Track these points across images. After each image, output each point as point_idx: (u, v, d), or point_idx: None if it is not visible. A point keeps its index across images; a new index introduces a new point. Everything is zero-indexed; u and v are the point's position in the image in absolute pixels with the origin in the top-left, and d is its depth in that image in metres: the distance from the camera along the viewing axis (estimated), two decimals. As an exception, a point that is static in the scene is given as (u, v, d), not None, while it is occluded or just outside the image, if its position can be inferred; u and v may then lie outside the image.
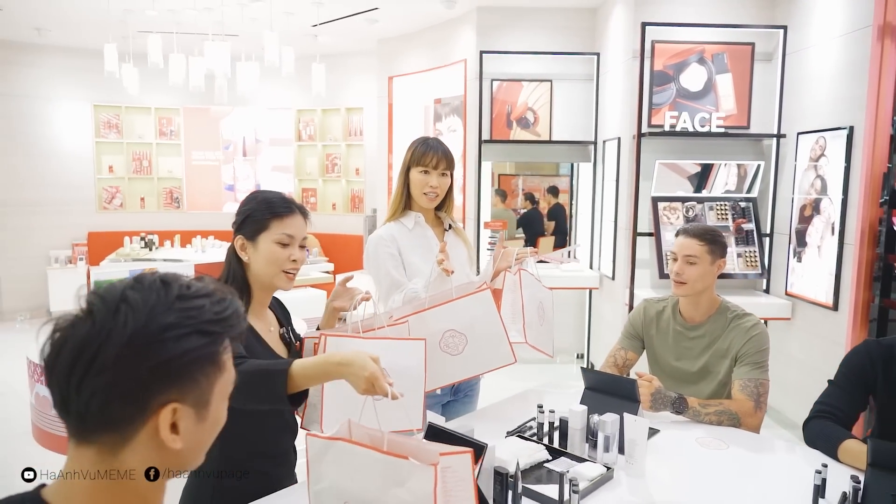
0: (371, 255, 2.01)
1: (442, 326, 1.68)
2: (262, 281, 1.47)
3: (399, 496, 1.01)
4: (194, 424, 0.66)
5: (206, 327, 0.65)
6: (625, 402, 1.67)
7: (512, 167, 7.25)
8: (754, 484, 1.50)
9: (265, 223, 1.43)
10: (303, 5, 5.03)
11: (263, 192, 1.51)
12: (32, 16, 5.47)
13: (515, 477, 1.30)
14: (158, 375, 0.62)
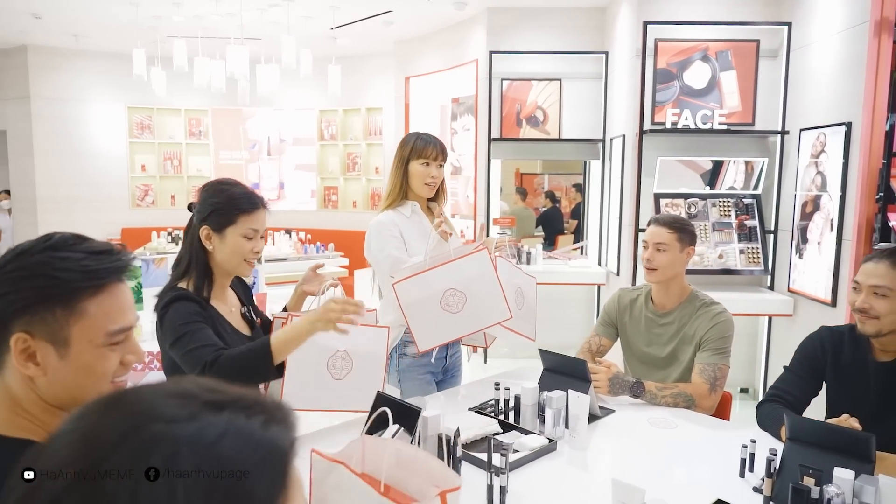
0: (374, 238, 2.09)
1: (443, 286, 1.80)
2: (224, 268, 1.59)
3: None
4: (57, 360, 0.79)
5: (57, 273, 0.77)
6: (576, 381, 1.77)
7: (537, 165, 7.34)
8: (690, 458, 1.59)
9: (233, 217, 1.54)
10: (320, 9, 5.22)
11: (229, 187, 1.59)
12: (69, 23, 5.80)
13: (454, 442, 1.42)
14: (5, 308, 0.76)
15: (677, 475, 1.51)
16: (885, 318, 1.62)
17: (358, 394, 1.58)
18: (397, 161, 2.17)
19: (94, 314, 0.80)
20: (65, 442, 0.40)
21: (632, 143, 4.28)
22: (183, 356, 1.45)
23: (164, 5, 5.14)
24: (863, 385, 1.70)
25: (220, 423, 0.41)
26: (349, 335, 1.46)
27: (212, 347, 1.43)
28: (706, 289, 3.98)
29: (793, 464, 1.34)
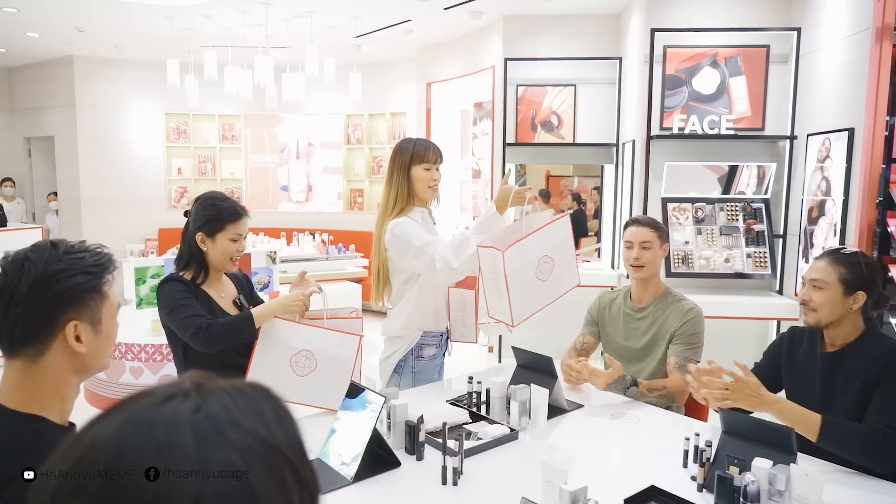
0: (399, 233, 2.10)
1: (538, 252, 1.81)
2: (215, 265, 1.96)
3: None
4: (93, 336, 0.99)
5: (88, 269, 0.98)
6: (544, 376, 1.90)
7: (569, 168, 7.42)
8: (640, 449, 1.70)
9: (222, 225, 1.91)
10: (343, 19, 5.42)
11: (217, 199, 1.96)
12: (110, 35, 6.16)
13: (417, 427, 1.57)
14: (59, 302, 0.95)
15: (622, 464, 1.63)
16: (821, 310, 1.75)
17: (320, 392, 1.79)
18: (398, 168, 2.19)
19: (111, 295, 1.03)
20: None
21: (641, 149, 4.35)
22: (177, 323, 1.80)
23: (197, 18, 5.43)
24: (810, 376, 1.81)
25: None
26: (316, 338, 1.74)
27: (204, 317, 1.79)
28: (714, 293, 4.07)
29: (723, 454, 1.45)
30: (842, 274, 1.74)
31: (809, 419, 1.59)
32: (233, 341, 1.81)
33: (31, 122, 7.79)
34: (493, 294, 1.80)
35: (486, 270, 1.78)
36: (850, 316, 1.76)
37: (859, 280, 1.73)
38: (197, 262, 1.94)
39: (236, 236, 1.92)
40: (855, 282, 1.73)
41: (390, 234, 2.12)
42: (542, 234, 1.78)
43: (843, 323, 1.76)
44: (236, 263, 1.97)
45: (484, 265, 1.77)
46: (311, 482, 0.49)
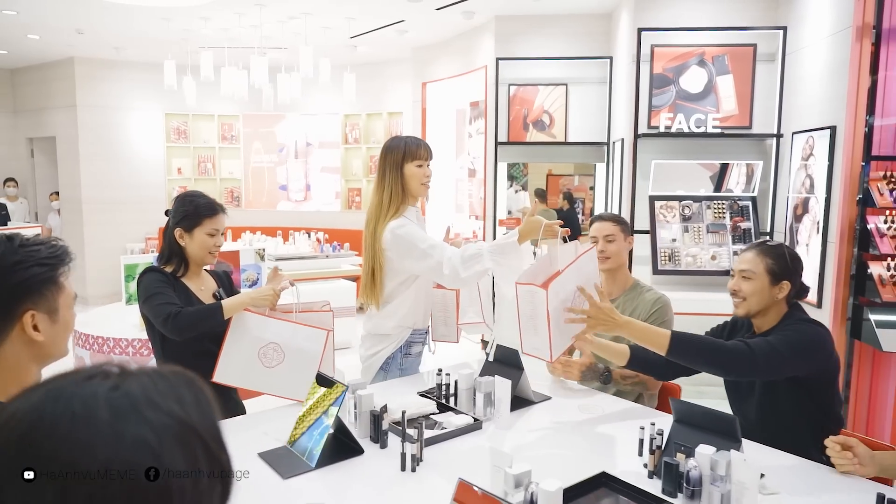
0: (403, 235, 2.09)
1: (573, 286, 1.74)
2: (194, 259, 2.04)
3: None
4: (51, 325, 1.04)
5: (44, 261, 1.03)
6: (511, 368, 1.95)
7: (567, 167, 7.46)
8: (599, 438, 1.75)
9: (199, 221, 2.01)
10: (337, 20, 5.48)
11: (195, 196, 2.05)
12: (110, 37, 6.24)
13: (381, 416, 1.63)
14: (16, 293, 1.00)
15: (580, 452, 1.67)
16: (750, 299, 1.83)
17: (287, 384, 1.86)
18: (390, 166, 2.17)
19: (67, 286, 1.07)
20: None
21: (629, 147, 4.38)
22: (152, 309, 1.88)
23: (194, 20, 5.50)
24: None
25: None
26: (285, 332, 1.83)
27: (175, 305, 1.86)
28: (700, 290, 4.11)
29: (673, 442, 1.50)
30: (768, 265, 1.83)
31: (661, 335, 1.71)
32: (201, 329, 1.88)
33: (33, 123, 7.89)
34: (529, 330, 1.70)
35: (523, 307, 1.69)
36: (776, 305, 1.84)
37: (784, 270, 1.82)
38: (177, 257, 2.04)
39: (213, 231, 2.01)
40: (780, 272, 1.82)
41: (392, 235, 2.11)
42: (575, 268, 1.74)
43: (770, 312, 1.85)
44: (215, 257, 2.06)
45: (522, 301, 1.69)
46: (225, 462, 0.53)
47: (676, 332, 1.73)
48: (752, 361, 1.67)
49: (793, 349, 1.70)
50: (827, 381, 1.80)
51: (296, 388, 1.84)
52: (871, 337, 3.06)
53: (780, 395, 1.77)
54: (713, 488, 1.33)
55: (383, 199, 2.18)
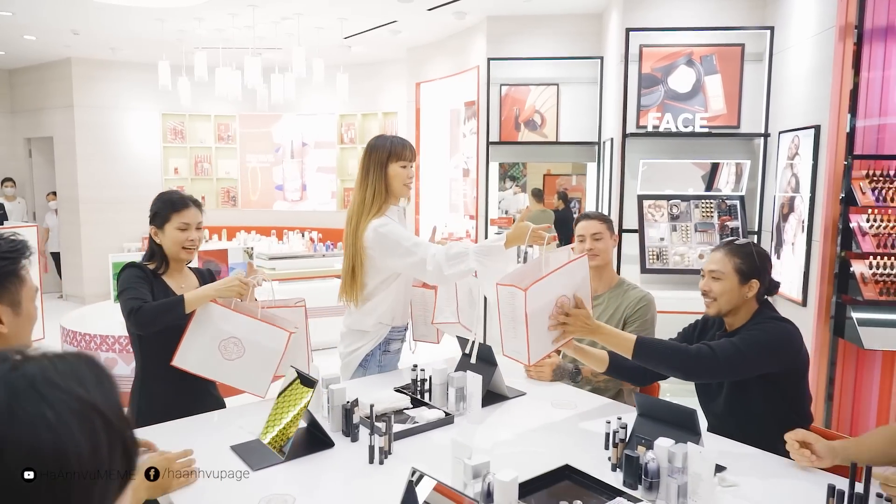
0: (386, 233, 2.11)
1: (558, 292, 1.73)
2: (171, 255, 2.05)
3: None
4: (14, 318, 1.08)
5: (5, 255, 1.07)
6: (485, 364, 1.98)
7: (565, 167, 7.49)
8: (568, 432, 1.78)
9: (168, 216, 2.02)
10: (329, 20, 5.51)
11: (167, 193, 2.10)
12: (106, 37, 6.28)
13: (351, 410, 1.66)
14: None
15: (547, 446, 1.70)
16: (720, 299, 1.86)
17: (245, 378, 1.92)
18: (374, 165, 2.18)
19: (28, 279, 1.11)
20: None
21: (617, 146, 4.41)
22: (122, 303, 1.92)
23: (188, 20, 5.53)
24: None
25: None
26: (247, 327, 1.88)
27: (140, 300, 1.88)
28: (688, 288, 4.13)
29: (636, 435, 1.53)
30: (737, 264, 1.85)
31: (627, 340, 1.77)
32: (163, 322, 1.88)
33: (31, 123, 7.94)
34: (509, 332, 1.70)
35: (504, 308, 1.69)
36: (747, 303, 1.86)
37: (752, 269, 1.85)
38: (158, 255, 2.07)
39: (183, 225, 2.02)
40: (749, 271, 1.84)
41: (375, 233, 2.12)
42: (562, 274, 1.74)
43: (740, 310, 1.88)
44: (192, 252, 2.07)
45: (503, 303, 1.68)
46: (129, 438, 0.56)
47: (641, 338, 1.77)
48: (715, 365, 1.70)
49: (757, 349, 1.72)
50: (795, 379, 1.82)
51: (254, 383, 1.90)
52: (854, 335, 3.08)
53: (749, 391, 1.79)
54: (670, 480, 1.35)
55: (366, 197, 2.19)
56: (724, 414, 1.84)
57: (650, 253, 4.21)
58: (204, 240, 2.72)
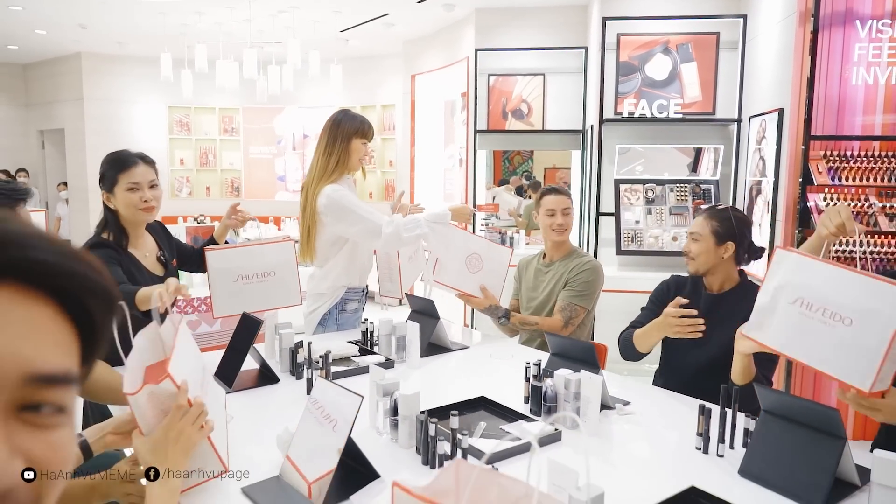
0: (338, 199, 2.27)
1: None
2: (128, 220, 1.96)
3: None
4: None
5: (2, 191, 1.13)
6: (429, 318, 2.14)
7: (565, 160, 7.67)
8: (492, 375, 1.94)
9: (115, 178, 1.91)
10: (324, 14, 5.70)
11: (114, 153, 1.98)
12: (113, 32, 6.53)
13: (296, 351, 1.83)
14: None
15: (469, 384, 1.85)
16: (698, 258, 2.01)
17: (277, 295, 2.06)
18: (341, 136, 2.35)
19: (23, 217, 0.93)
20: None
21: (596, 132, 4.54)
22: None
23: (188, 14, 5.75)
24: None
25: None
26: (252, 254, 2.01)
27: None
28: (662, 269, 4.25)
29: (546, 370, 1.68)
30: (713, 227, 2.00)
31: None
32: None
33: (44, 116, 8.23)
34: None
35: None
36: (723, 264, 2.00)
37: (728, 232, 1.98)
38: (112, 224, 1.95)
39: (133, 185, 1.90)
40: (724, 233, 1.99)
41: (328, 199, 2.27)
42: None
43: (718, 271, 2.02)
44: (151, 212, 1.97)
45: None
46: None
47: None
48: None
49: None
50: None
51: (287, 296, 2.05)
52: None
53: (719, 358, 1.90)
54: (566, 404, 1.51)
55: (328, 164, 2.35)
56: (697, 375, 1.95)
57: (626, 235, 4.34)
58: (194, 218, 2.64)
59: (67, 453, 0.42)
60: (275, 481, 1.23)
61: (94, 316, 0.43)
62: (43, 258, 0.39)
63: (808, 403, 1.20)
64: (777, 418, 1.26)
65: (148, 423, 1.09)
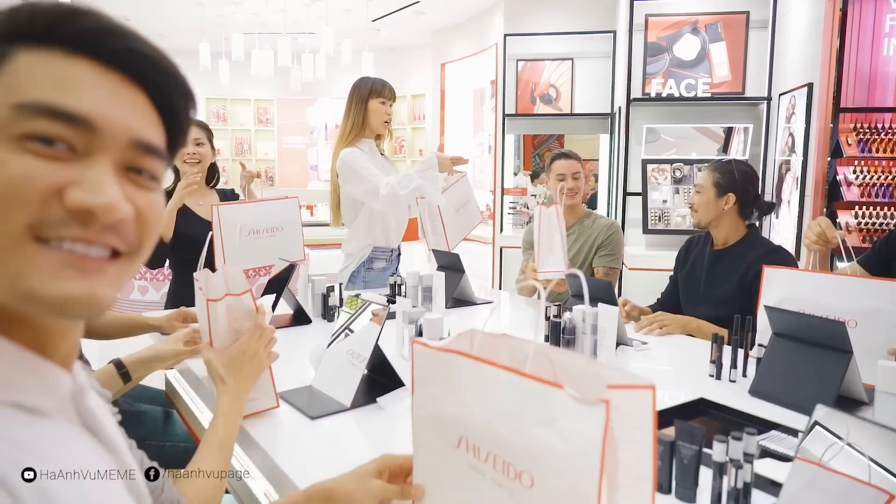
0: (347, 160, 2.40)
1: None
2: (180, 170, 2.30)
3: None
4: None
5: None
6: (454, 272, 2.23)
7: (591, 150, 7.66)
8: (516, 321, 2.00)
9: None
10: (356, 3, 5.83)
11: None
12: (154, 24, 6.78)
13: (327, 296, 1.93)
14: None
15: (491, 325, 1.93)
16: (700, 210, 2.08)
17: (282, 250, 2.16)
18: (356, 100, 2.51)
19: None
20: None
21: (624, 113, 4.57)
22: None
23: (226, 4, 5.95)
24: (699, 270, 2.10)
25: None
26: (258, 210, 2.10)
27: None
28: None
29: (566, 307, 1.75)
30: (715, 179, 2.05)
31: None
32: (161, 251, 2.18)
33: (88, 109, 8.55)
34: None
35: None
36: (726, 216, 2.04)
37: (730, 184, 2.02)
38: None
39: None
40: (725, 185, 2.03)
41: (340, 161, 2.42)
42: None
43: (721, 223, 2.06)
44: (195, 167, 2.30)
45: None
46: None
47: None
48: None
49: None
50: None
51: (292, 251, 2.15)
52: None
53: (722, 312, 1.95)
54: (583, 336, 1.58)
55: (346, 128, 2.50)
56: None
57: (653, 215, 4.36)
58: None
59: (160, 212, 0.51)
60: (308, 389, 1.32)
61: (180, 116, 0.53)
62: (144, 51, 0.49)
63: (816, 320, 1.25)
64: (786, 339, 1.31)
65: (220, 335, 1.16)
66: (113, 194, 0.45)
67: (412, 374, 0.82)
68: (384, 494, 0.83)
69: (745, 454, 0.86)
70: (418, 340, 0.82)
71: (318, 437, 1.13)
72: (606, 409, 0.61)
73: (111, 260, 0.47)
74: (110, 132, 0.46)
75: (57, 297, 0.43)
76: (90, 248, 0.45)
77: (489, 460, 0.74)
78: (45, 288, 0.43)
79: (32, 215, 0.43)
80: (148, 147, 0.49)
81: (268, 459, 1.04)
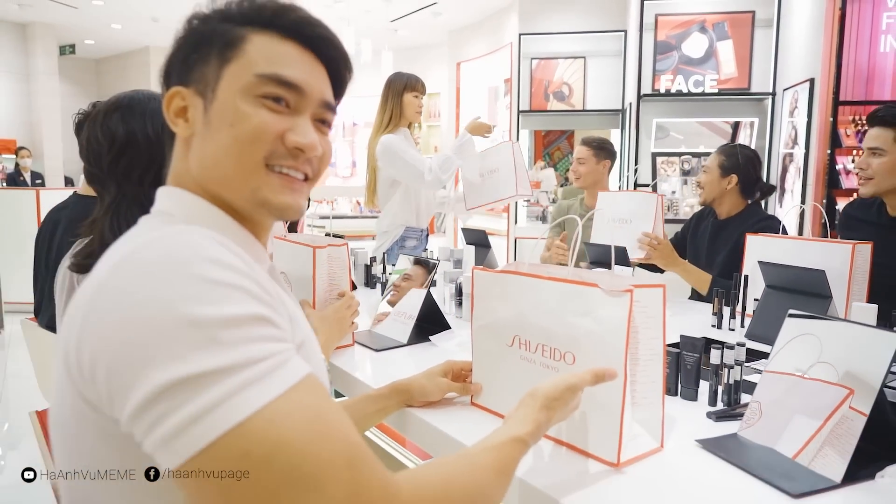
0: (389, 145, 2.57)
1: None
2: None
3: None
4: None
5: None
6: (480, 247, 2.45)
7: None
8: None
9: None
10: (376, 3, 6.08)
11: None
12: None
13: (370, 266, 2.17)
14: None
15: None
16: (706, 188, 2.28)
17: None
18: (393, 93, 2.67)
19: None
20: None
21: (634, 108, 4.78)
22: None
23: (251, 6, 6.20)
24: (703, 239, 2.33)
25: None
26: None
27: None
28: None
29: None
30: (721, 160, 2.27)
31: (704, 277, 2.11)
32: None
33: (114, 107, 8.84)
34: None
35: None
36: (728, 195, 2.26)
37: (733, 165, 2.24)
38: None
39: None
40: (729, 167, 2.24)
41: (382, 146, 2.63)
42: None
43: (724, 200, 2.28)
44: None
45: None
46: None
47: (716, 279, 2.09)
48: None
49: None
50: None
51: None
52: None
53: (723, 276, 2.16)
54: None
55: (384, 118, 2.72)
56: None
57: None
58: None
59: (332, 151, 0.72)
60: (368, 333, 1.56)
61: (343, 81, 0.73)
62: (327, 36, 0.69)
63: (801, 270, 1.46)
64: (776, 290, 1.53)
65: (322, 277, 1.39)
66: (314, 137, 0.66)
67: (472, 294, 1.07)
68: (450, 388, 1.08)
69: (735, 361, 1.08)
70: (477, 267, 1.06)
71: (383, 364, 1.36)
72: (630, 298, 0.86)
73: (304, 182, 0.68)
74: (310, 94, 0.67)
75: (280, 204, 0.65)
76: (297, 173, 0.67)
77: (538, 350, 0.97)
78: (275, 199, 0.65)
79: (267, 150, 0.64)
80: (329, 105, 0.70)
81: (348, 377, 1.28)
